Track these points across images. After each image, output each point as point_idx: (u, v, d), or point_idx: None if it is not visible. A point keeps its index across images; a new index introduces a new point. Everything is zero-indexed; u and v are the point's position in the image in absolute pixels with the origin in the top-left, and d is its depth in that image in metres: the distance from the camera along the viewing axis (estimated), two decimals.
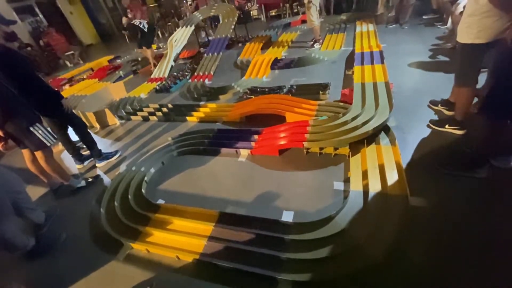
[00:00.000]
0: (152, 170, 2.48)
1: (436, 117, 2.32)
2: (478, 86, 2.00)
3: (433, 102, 2.47)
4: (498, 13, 1.62)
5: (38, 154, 2.20)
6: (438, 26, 4.42)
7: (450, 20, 3.78)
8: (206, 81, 4.39)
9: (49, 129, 2.24)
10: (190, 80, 4.56)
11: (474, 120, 2.04)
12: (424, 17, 5.00)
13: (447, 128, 2.12)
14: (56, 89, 2.53)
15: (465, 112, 2.04)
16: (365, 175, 1.82)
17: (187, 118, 3.29)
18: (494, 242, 1.36)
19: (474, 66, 1.90)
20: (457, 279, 1.25)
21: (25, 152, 2.27)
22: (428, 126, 2.23)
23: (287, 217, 1.73)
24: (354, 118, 2.28)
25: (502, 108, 1.51)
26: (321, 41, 4.91)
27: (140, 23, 5.26)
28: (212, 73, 4.60)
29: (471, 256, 1.32)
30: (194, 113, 3.30)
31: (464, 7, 1.99)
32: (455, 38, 2.01)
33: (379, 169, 1.82)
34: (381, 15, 5.63)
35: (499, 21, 1.63)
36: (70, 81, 6.28)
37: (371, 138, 2.11)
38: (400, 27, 4.86)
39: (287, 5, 7.87)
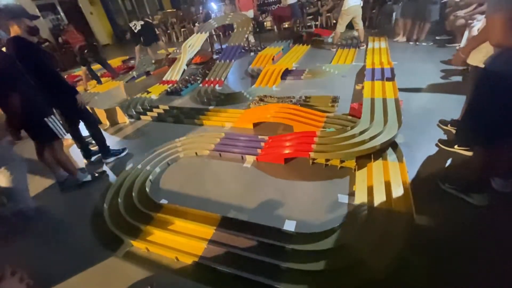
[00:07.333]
0: (158, 170, 2.50)
1: (445, 137, 2.30)
2: None
3: (443, 122, 2.46)
4: None
5: (49, 146, 2.24)
6: (449, 46, 4.44)
7: (463, 42, 3.80)
8: (217, 87, 4.46)
9: (61, 122, 2.29)
10: (201, 85, 4.64)
11: None
12: (437, 37, 5.03)
13: (456, 149, 2.11)
14: (71, 85, 2.60)
15: None
16: (370, 190, 1.80)
17: (196, 121, 3.33)
18: (496, 265, 1.33)
19: None
20: None
21: (36, 143, 2.31)
22: (436, 145, 2.22)
23: (289, 226, 1.71)
24: (362, 132, 2.28)
25: (473, 133, 1.57)
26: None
27: (134, 24, 6.20)
28: (223, 79, 4.67)
29: (474, 278, 1.29)
30: (203, 117, 3.34)
31: (478, 30, 2.00)
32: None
33: (385, 185, 1.80)
34: (394, 33, 5.64)
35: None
36: None
37: (378, 153, 2.10)
38: (414, 45, 4.92)
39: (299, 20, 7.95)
